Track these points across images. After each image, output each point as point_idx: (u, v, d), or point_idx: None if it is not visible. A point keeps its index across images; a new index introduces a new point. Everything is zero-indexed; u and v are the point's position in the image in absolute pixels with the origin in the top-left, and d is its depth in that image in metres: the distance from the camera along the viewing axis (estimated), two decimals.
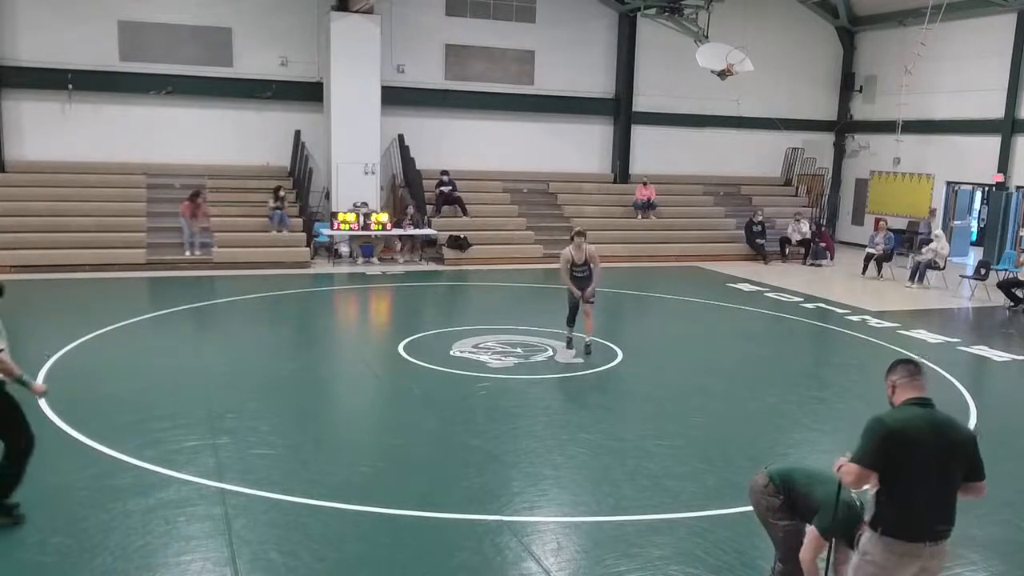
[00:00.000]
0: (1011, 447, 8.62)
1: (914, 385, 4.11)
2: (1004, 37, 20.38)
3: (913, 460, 3.96)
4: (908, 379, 4.13)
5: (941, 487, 4.01)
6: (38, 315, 13.38)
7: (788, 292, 16.75)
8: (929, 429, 3.99)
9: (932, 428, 4.00)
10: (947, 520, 4.06)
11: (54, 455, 7.48)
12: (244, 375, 10.27)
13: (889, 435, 3.98)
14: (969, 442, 4.06)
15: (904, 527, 4.02)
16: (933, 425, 4.01)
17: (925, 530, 4.02)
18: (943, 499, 4.03)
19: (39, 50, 18.46)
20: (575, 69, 22.58)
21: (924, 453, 3.95)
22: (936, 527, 4.04)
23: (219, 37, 19.77)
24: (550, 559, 5.78)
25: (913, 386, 4.11)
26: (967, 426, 4.09)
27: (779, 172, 25.21)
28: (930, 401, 4.10)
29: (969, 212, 24.73)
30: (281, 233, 18.48)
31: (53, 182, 18.62)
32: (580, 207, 21.97)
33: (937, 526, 4.04)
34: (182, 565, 5.58)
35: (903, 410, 4.08)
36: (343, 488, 6.83)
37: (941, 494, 4.02)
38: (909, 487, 3.98)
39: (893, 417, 4.05)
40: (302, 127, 20.16)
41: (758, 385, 10.50)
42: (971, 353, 12.31)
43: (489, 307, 15.41)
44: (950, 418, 4.11)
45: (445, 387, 9.92)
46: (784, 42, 23.77)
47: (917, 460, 3.96)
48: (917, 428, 3.99)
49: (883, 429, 3.99)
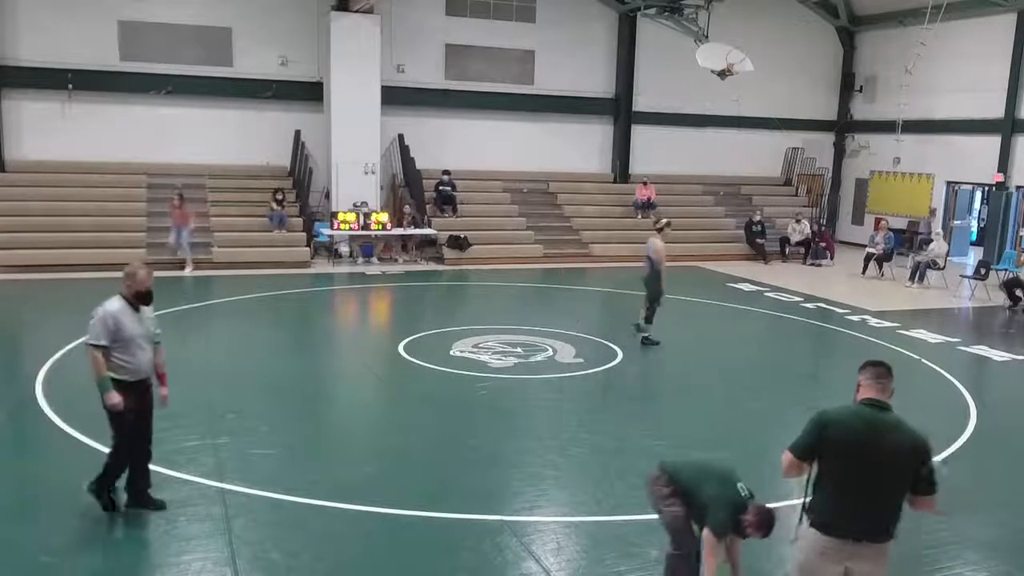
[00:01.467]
0: (1010, 447, 8.62)
1: (875, 387, 4.12)
2: (1004, 37, 20.38)
3: (844, 457, 3.99)
4: (871, 381, 4.14)
5: (872, 489, 3.98)
6: (38, 315, 13.39)
7: (788, 292, 16.75)
8: (867, 429, 3.99)
9: (871, 429, 3.99)
10: (875, 522, 4.03)
11: (54, 455, 7.50)
12: (244, 375, 10.27)
13: (824, 428, 4.03)
14: (914, 451, 4.00)
15: (827, 521, 4.06)
16: (873, 427, 3.99)
17: (848, 528, 4.02)
18: (873, 501, 4.01)
19: (39, 50, 18.45)
20: (575, 69, 22.58)
21: (857, 452, 3.97)
22: (861, 527, 4.01)
23: (219, 37, 19.77)
24: (550, 559, 5.79)
25: (873, 388, 4.12)
26: (919, 436, 4.03)
27: (779, 172, 25.21)
28: (884, 404, 4.09)
29: (969, 212, 24.72)
30: (281, 233, 18.47)
31: (53, 182, 18.61)
32: (580, 207, 21.97)
33: (862, 526, 4.01)
34: (182, 565, 5.58)
35: (851, 408, 4.11)
36: (343, 488, 6.83)
37: (871, 496, 3.99)
38: (838, 483, 4.02)
39: (835, 412, 4.10)
40: (302, 127, 20.16)
41: (758, 385, 10.50)
42: (971, 353, 12.31)
43: (489, 307, 15.41)
44: (899, 424, 4.05)
45: (445, 387, 9.92)
46: (784, 42, 23.76)
47: (848, 458, 3.99)
48: (854, 426, 4.01)
49: (820, 422, 4.06)
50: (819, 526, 4.07)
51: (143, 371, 6.07)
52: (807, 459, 4.10)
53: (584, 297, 16.89)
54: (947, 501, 7.05)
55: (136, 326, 5.97)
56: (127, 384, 5.94)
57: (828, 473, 4.07)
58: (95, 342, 5.85)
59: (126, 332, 5.90)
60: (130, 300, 5.99)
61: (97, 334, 5.85)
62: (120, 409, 5.89)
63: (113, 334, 5.86)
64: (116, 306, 5.95)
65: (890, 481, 3.99)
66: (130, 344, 5.93)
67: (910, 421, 4.17)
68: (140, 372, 6.04)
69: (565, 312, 15.01)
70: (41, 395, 8.92)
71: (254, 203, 18.97)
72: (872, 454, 3.95)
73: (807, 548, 4.12)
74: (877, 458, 3.95)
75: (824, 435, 4.03)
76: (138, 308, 6.03)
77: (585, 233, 21.02)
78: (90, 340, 5.89)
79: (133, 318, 5.97)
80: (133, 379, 5.99)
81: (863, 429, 3.99)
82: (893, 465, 3.97)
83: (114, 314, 5.90)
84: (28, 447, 7.98)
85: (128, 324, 5.92)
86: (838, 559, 4.05)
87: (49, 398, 8.81)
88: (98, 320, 5.89)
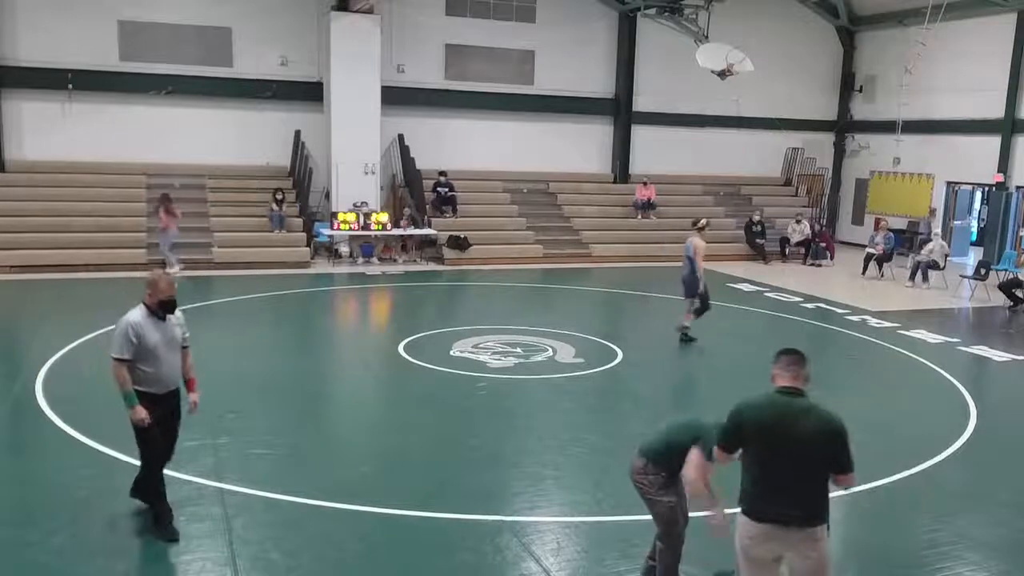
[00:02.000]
0: (1010, 447, 8.62)
1: (786, 375, 4.25)
2: (1004, 37, 20.38)
3: (759, 444, 4.16)
4: (783, 369, 4.27)
5: (788, 474, 4.10)
6: (38, 315, 13.39)
7: (788, 292, 16.75)
8: (779, 416, 4.12)
9: (782, 415, 4.12)
10: (798, 507, 4.11)
11: (54, 455, 7.49)
12: (244, 375, 10.26)
13: (739, 417, 4.25)
14: (829, 434, 4.09)
15: (753, 507, 4.20)
16: (785, 413, 4.12)
17: (770, 513, 4.14)
18: (791, 486, 4.11)
19: (39, 50, 18.45)
20: (575, 69, 22.57)
21: (769, 438, 4.12)
22: (783, 511, 4.10)
23: (219, 37, 19.77)
24: (550, 559, 5.78)
25: (785, 376, 4.25)
26: (834, 419, 4.12)
27: (779, 172, 25.21)
28: (797, 391, 4.20)
29: (969, 212, 24.72)
30: (281, 233, 18.48)
31: (53, 182, 18.61)
32: (580, 207, 21.97)
33: (785, 511, 4.10)
34: (182, 565, 5.59)
35: (764, 396, 4.25)
36: (343, 488, 6.83)
37: (788, 481, 4.10)
38: (758, 469, 4.18)
39: (748, 402, 4.28)
40: (302, 127, 20.15)
41: (758, 385, 10.44)
42: (971, 353, 12.31)
43: (489, 307, 15.40)
44: (811, 409, 4.14)
45: (445, 387, 9.92)
46: (784, 42, 23.76)
47: (763, 444, 4.15)
48: (766, 414, 4.17)
49: (736, 412, 4.28)
50: (747, 513, 4.23)
51: (170, 382, 5.86)
52: (732, 450, 4.33)
53: (584, 297, 16.88)
54: (947, 501, 7.11)
55: (160, 335, 5.75)
56: (153, 396, 5.73)
57: (749, 461, 4.24)
58: (118, 355, 5.63)
59: (150, 343, 5.68)
60: (152, 309, 5.78)
61: (120, 347, 5.64)
62: (146, 424, 5.68)
63: (136, 346, 5.64)
64: (138, 316, 5.73)
65: (805, 465, 4.10)
66: (155, 355, 5.70)
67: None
68: (167, 383, 5.83)
69: (565, 312, 15.02)
70: (41, 395, 8.91)
71: (254, 203, 18.97)
72: (784, 440, 4.09)
73: (741, 535, 4.27)
74: (788, 443, 4.08)
75: (740, 423, 4.23)
76: (163, 316, 5.80)
77: (585, 233, 21.02)
78: (113, 353, 5.66)
79: (157, 327, 5.75)
80: (160, 391, 5.79)
81: (776, 417, 4.14)
82: (806, 449, 4.08)
83: (136, 325, 5.67)
84: (28, 447, 7.98)
85: (151, 334, 5.70)
86: (769, 546, 4.18)
87: (49, 398, 8.80)
88: (120, 332, 5.66)
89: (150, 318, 5.75)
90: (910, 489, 7.28)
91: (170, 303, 5.82)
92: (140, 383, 5.70)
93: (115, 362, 5.64)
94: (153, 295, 5.77)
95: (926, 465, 7.71)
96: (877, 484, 7.22)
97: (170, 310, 5.85)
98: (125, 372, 5.64)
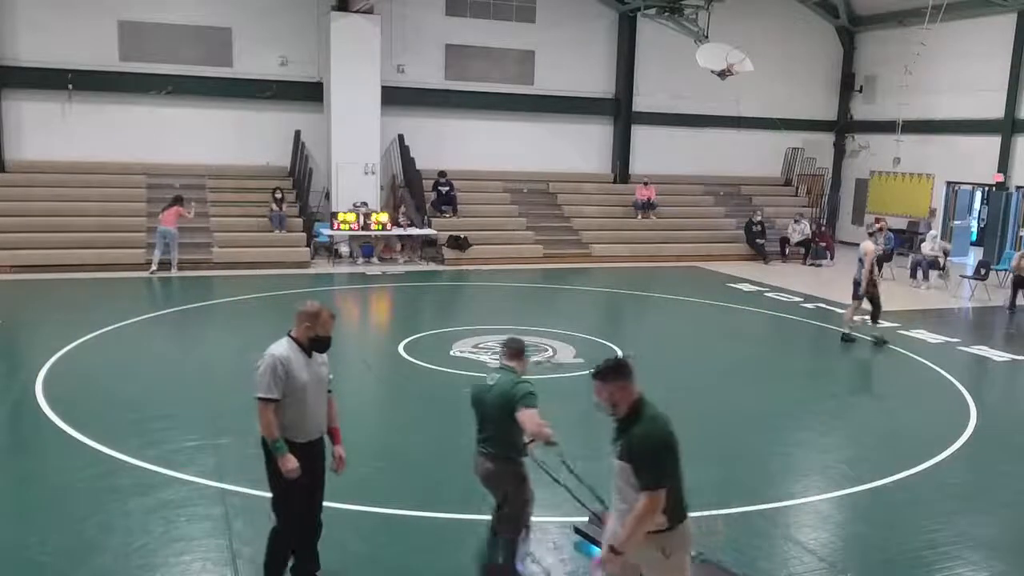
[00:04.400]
0: (1010, 447, 8.62)
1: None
2: (1004, 37, 20.38)
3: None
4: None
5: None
6: (38, 315, 13.39)
7: (788, 292, 16.74)
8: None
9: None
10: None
11: (54, 455, 7.49)
12: (244, 375, 10.17)
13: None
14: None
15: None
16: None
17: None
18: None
19: (39, 50, 18.45)
20: (575, 69, 22.57)
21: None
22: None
23: (219, 37, 19.77)
24: (549, 559, 5.78)
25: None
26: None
27: (779, 172, 25.21)
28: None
29: (969, 212, 24.72)
30: (281, 233, 18.48)
31: (53, 182, 18.61)
32: (580, 207, 21.97)
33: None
34: (182, 565, 5.59)
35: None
36: (343, 488, 6.79)
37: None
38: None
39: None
40: (302, 127, 20.15)
41: (758, 385, 10.50)
42: (971, 353, 12.31)
43: (489, 307, 15.40)
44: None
45: (445, 387, 9.92)
46: (784, 42, 23.76)
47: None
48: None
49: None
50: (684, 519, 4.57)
51: (314, 430, 5.15)
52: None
53: (584, 297, 16.88)
54: (947, 501, 7.10)
55: (309, 374, 5.05)
56: (296, 446, 5.01)
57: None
58: (266, 395, 4.92)
59: (298, 382, 4.98)
60: (301, 344, 5.06)
61: (268, 385, 4.92)
62: (295, 476, 4.96)
63: (284, 384, 4.94)
64: (286, 351, 5.00)
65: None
66: (302, 397, 5.01)
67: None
68: (311, 431, 5.12)
69: (565, 312, 15.02)
70: (41, 395, 8.91)
71: (254, 203, 18.97)
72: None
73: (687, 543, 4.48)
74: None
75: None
76: (310, 353, 5.10)
77: (585, 233, 21.02)
78: (259, 393, 4.95)
79: (305, 365, 5.04)
80: (303, 440, 5.06)
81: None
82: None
83: (285, 360, 4.95)
84: (28, 447, 7.97)
85: (301, 372, 5.00)
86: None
87: (49, 398, 8.80)
88: (267, 368, 4.94)
89: (299, 353, 5.05)
90: (910, 489, 7.27)
91: (326, 341, 5.16)
92: (282, 429, 4.99)
93: (261, 403, 4.94)
94: (311, 328, 5.07)
95: (926, 465, 7.71)
96: (877, 484, 7.23)
97: (323, 348, 5.18)
98: (272, 415, 4.93)
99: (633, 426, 4.15)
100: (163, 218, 16.65)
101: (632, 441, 4.11)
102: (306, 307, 5.12)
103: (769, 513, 6.70)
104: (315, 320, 5.07)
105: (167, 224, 16.59)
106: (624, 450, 4.13)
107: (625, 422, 4.20)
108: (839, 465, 7.87)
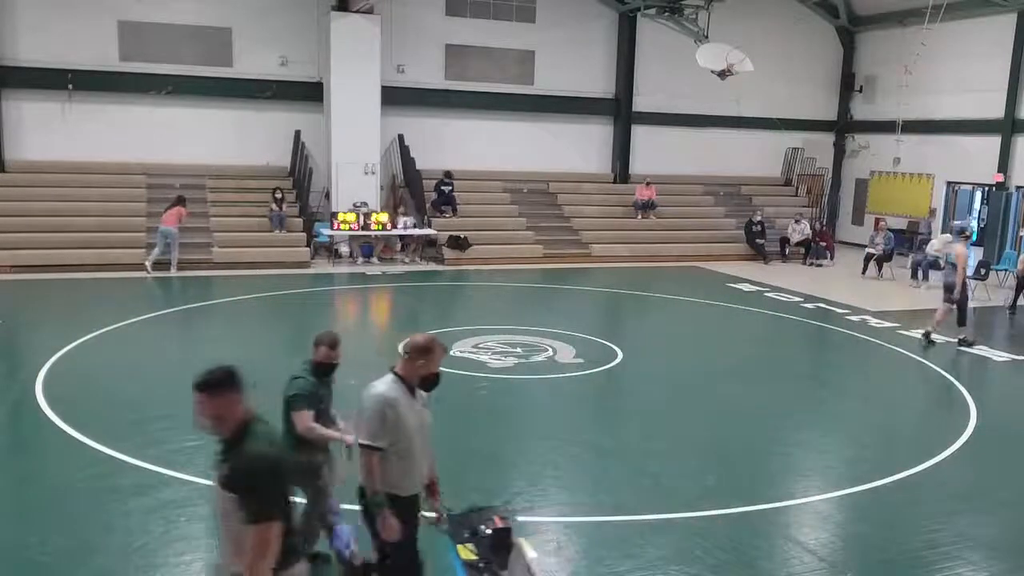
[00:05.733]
0: (1010, 447, 8.61)
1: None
2: (1004, 37, 20.38)
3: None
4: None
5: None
6: (38, 315, 13.39)
7: (788, 292, 16.74)
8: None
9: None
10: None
11: (54, 455, 7.49)
12: (244, 375, 10.24)
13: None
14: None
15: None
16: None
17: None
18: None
19: (39, 50, 18.45)
20: (575, 69, 22.57)
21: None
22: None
23: (219, 37, 19.77)
24: (550, 559, 5.78)
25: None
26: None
27: (779, 172, 25.21)
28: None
29: (969, 212, 24.72)
30: (281, 233, 18.48)
31: (53, 182, 18.60)
32: (580, 207, 21.96)
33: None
34: (182, 565, 5.59)
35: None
36: (342, 488, 6.81)
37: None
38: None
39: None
40: (302, 127, 20.14)
41: (758, 385, 10.50)
42: (971, 353, 12.30)
43: (489, 307, 15.40)
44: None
45: (445, 387, 9.86)
46: (784, 42, 23.75)
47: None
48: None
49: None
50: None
51: (419, 480, 4.55)
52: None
53: (584, 297, 16.88)
54: (947, 501, 7.10)
55: (415, 418, 4.43)
56: (398, 500, 4.41)
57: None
58: (372, 442, 4.31)
59: (408, 428, 4.36)
60: (409, 383, 4.44)
61: (374, 432, 4.31)
62: (397, 539, 4.36)
63: (393, 430, 4.32)
64: (394, 391, 4.39)
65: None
66: (410, 444, 4.40)
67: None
68: (416, 482, 4.50)
69: (565, 312, 15.01)
70: (41, 395, 8.91)
71: (254, 203, 18.96)
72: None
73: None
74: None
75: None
76: (415, 393, 4.48)
77: (585, 233, 21.02)
78: (366, 439, 4.34)
79: (412, 407, 4.42)
80: (406, 493, 4.46)
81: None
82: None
83: (395, 402, 4.35)
84: (28, 447, 7.97)
85: (409, 415, 4.38)
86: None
87: (49, 398, 8.80)
88: (374, 411, 4.32)
89: (405, 393, 4.43)
90: (910, 489, 7.28)
91: (436, 379, 4.57)
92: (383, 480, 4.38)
93: (366, 451, 4.32)
94: (425, 366, 4.46)
95: (926, 465, 7.71)
96: (877, 484, 7.23)
97: (431, 387, 4.59)
98: (378, 464, 4.32)
99: (239, 447, 3.53)
100: (165, 218, 16.69)
101: (236, 465, 3.47)
102: (417, 341, 4.47)
103: (769, 513, 6.69)
104: (428, 357, 4.45)
105: (168, 224, 16.62)
106: (226, 476, 3.48)
107: (230, 443, 3.57)
108: (839, 465, 7.88)
